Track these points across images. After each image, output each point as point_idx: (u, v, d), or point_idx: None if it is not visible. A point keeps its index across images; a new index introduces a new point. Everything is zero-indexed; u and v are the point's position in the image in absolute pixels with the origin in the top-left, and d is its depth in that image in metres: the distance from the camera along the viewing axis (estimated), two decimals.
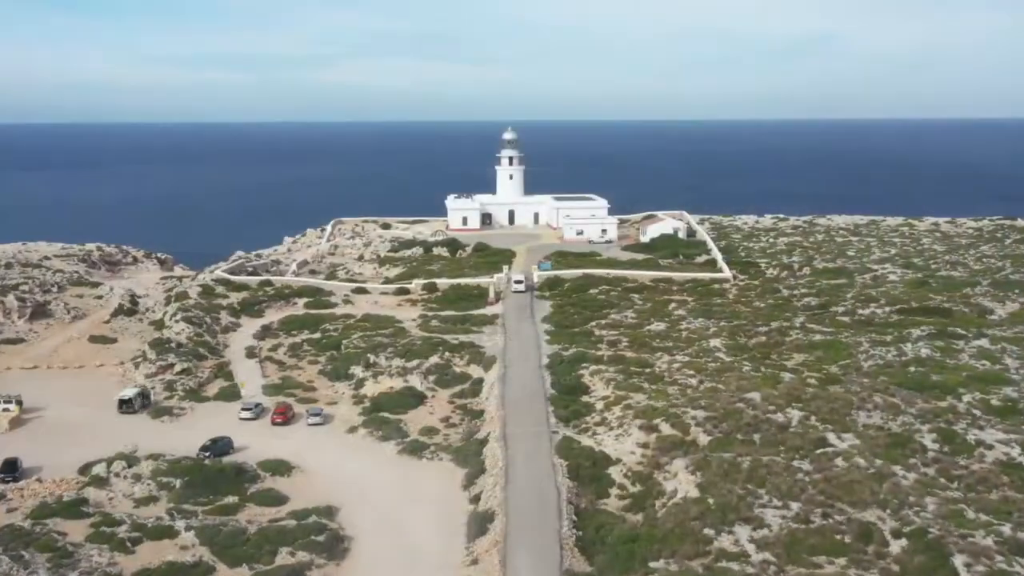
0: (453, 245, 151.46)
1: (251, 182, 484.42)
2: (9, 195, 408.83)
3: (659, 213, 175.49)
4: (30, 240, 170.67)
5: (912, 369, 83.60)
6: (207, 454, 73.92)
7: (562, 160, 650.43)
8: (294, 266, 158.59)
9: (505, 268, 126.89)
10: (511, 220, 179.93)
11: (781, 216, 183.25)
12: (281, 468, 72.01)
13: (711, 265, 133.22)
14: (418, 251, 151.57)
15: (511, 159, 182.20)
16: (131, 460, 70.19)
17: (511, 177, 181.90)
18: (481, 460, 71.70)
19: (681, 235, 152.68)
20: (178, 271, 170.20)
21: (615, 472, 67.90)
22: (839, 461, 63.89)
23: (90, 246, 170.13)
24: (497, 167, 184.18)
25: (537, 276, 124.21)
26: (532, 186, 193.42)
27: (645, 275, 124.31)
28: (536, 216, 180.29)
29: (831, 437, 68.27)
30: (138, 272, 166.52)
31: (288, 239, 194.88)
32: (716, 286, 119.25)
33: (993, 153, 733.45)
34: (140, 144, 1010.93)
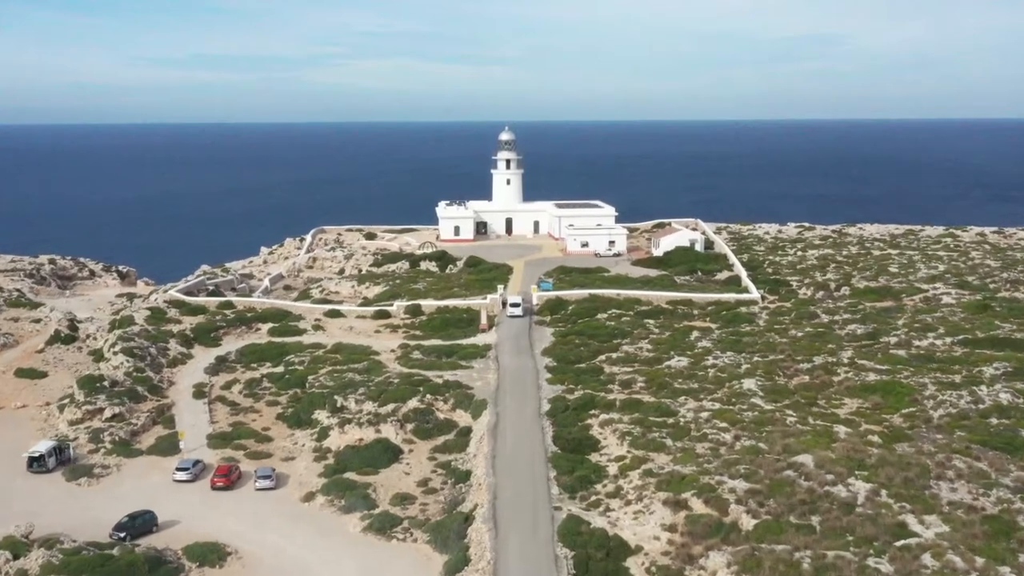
0: (443, 259, 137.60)
1: (240, 185, 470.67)
2: None
3: (672, 222, 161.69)
4: None
5: (994, 421, 69.76)
6: (122, 535, 60.17)
7: (563, 162, 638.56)
8: (266, 281, 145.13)
9: (500, 288, 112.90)
10: (508, 229, 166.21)
11: (806, 225, 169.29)
12: (211, 555, 58.14)
13: (735, 284, 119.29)
14: (404, 266, 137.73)
15: (508, 162, 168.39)
16: (18, 548, 56.26)
17: (508, 182, 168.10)
18: (465, 545, 57.83)
19: (698, 247, 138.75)
20: (141, 286, 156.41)
21: (635, 566, 54.14)
22: (927, 559, 50.05)
23: (42, 259, 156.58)
24: (493, 171, 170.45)
25: (536, 297, 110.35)
26: (532, 191, 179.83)
27: (661, 296, 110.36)
28: (536, 225, 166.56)
29: (911, 521, 54.42)
30: (95, 288, 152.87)
31: (264, 249, 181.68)
32: (743, 310, 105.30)
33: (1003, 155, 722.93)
34: (129, 145, 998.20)
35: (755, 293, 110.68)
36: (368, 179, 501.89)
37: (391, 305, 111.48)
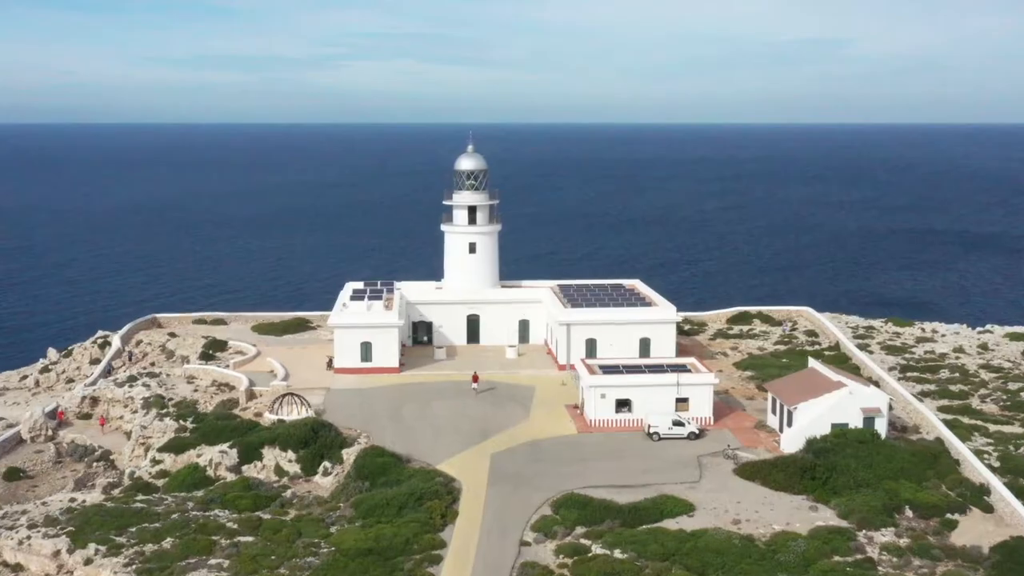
0: (310, 446, 65.70)
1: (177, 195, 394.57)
2: None
3: (789, 326, 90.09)
4: None
5: None
6: None
7: (565, 166, 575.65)
8: None
9: None
10: (472, 336, 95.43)
11: (1017, 330, 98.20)
12: None
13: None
14: (227, 459, 65.98)
15: (472, 211, 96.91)
16: None
17: (472, 248, 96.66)
18: None
19: (881, 428, 66.54)
20: None
21: None
22: None
23: None
24: (444, 227, 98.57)
25: None
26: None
27: None
28: (524, 327, 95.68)
29: None
30: None
31: (53, 353, 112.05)
32: None
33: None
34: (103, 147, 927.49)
35: None
36: (330, 191, 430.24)
37: None
